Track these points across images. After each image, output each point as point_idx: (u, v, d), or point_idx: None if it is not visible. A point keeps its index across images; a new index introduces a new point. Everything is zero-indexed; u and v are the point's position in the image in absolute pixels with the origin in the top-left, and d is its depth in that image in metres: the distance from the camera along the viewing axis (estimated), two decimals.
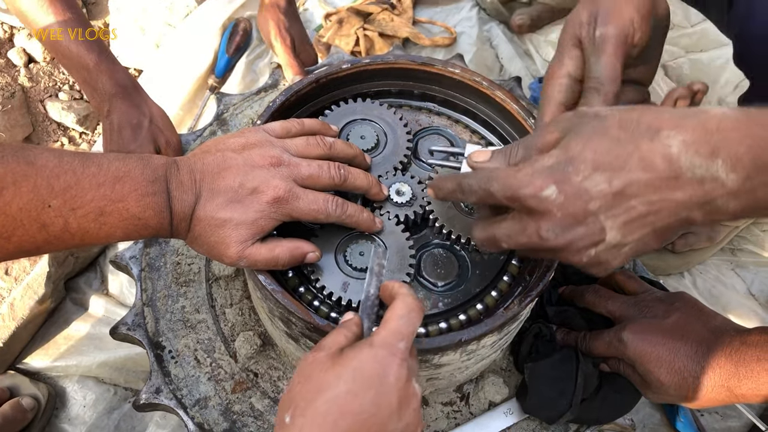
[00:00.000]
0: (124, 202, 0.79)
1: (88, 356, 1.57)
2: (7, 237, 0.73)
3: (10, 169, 0.72)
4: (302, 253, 0.90)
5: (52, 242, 0.77)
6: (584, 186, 0.71)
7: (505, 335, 1.00)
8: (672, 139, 0.69)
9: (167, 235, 0.86)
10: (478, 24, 2.07)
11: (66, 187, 0.75)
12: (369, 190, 0.97)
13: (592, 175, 0.71)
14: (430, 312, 0.97)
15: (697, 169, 0.68)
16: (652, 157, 0.69)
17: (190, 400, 1.06)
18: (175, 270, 1.19)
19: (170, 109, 1.88)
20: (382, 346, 0.72)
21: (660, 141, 0.69)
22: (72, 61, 1.35)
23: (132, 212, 0.80)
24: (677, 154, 0.68)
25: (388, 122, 1.09)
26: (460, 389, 1.11)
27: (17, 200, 0.72)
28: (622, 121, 0.72)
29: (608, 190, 0.71)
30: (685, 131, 0.69)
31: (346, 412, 0.68)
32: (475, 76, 1.10)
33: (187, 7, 2.02)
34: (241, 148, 0.88)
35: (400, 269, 0.95)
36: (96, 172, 0.78)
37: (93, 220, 0.78)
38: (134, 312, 1.14)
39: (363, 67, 1.11)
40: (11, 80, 1.88)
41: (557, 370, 1.05)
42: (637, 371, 1.00)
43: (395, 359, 0.72)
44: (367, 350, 0.72)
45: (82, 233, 0.78)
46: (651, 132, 0.70)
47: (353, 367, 0.71)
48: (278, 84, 1.42)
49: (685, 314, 1.01)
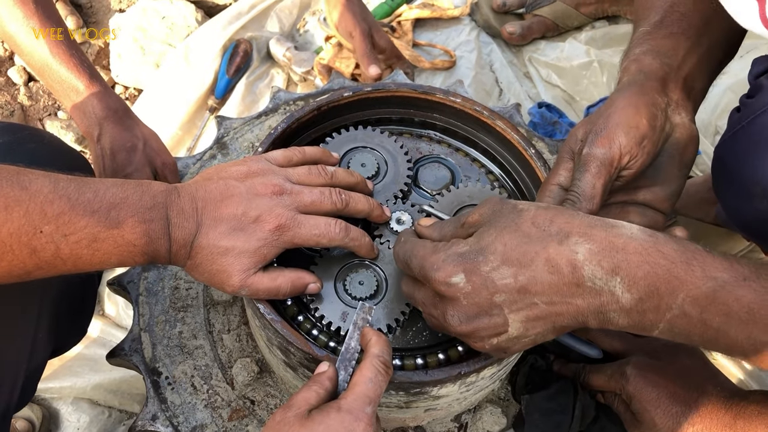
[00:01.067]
0: (119, 228, 0.79)
1: (82, 378, 1.56)
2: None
3: (3, 193, 0.72)
4: (304, 284, 0.90)
5: (42, 267, 0.77)
6: (491, 277, 0.75)
7: (504, 366, 0.99)
8: (579, 246, 0.72)
9: (165, 262, 0.86)
10: (477, 48, 2.08)
11: (59, 213, 0.75)
12: (371, 213, 0.97)
13: (499, 267, 0.75)
14: (429, 343, 0.97)
15: (597, 280, 0.71)
16: (558, 261, 0.72)
17: (186, 428, 1.05)
18: (173, 295, 1.18)
19: (169, 129, 1.88)
20: (348, 411, 0.74)
21: (568, 246, 0.72)
22: (62, 84, 1.32)
23: (127, 239, 0.80)
24: (582, 262, 0.71)
25: (388, 150, 1.09)
26: (458, 419, 1.10)
27: (8, 225, 0.72)
28: (535, 219, 0.75)
29: (513, 285, 0.74)
30: (592, 241, 0.72)
31: None
32: (475, 106, 1.10)
33: (187, 27, 2.03)
34: (243, 177, 0.88)
35: (399, 299, 0.95)
36: (91, 199, 0.78)
37: (86, 247, 0.77)
38: (131, 337, 1.13)
39: (365, 95, 1.11)
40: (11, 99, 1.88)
41: (554, 402, 1.05)
42: (632, 408, 1.00)
43: (361, 424, 0.73)
44: (334, 414, 0.73)
45: (74, 259, 0.78)
46: (561, 235, 0.73)
47: (319, 431, 0.72)
48: (279, 108, 1.43)
49: (689, 363, 1.02)
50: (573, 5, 2.08)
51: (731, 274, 0.69)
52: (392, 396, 0.92)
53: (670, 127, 0.93)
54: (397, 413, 0.99)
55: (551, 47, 2.10)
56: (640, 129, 0.89)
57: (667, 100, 0.93)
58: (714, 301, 0.69)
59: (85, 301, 1.11)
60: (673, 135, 0.93)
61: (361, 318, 0.85)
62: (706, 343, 0.73)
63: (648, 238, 0.72)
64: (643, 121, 0.89)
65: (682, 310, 0.70)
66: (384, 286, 0.97)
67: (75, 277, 1.04)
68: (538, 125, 1.81)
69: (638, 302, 0.71)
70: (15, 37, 1.29)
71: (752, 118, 0.90)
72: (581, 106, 1.97)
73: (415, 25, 2.12)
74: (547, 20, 2.09)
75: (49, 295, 0.97)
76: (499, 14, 2.12)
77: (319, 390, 0.77)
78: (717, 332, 0.70)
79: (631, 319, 0.72)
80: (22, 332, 0.93)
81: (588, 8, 2.11)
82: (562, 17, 2.10)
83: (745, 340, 0.70)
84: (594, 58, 2.00)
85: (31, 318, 0.94)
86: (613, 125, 0.89)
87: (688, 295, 0.69)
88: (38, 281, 0.79)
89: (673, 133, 0.93)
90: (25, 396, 0.98)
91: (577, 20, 2.11)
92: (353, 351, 0.83)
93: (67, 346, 1.16)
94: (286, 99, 1.44)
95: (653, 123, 0.90)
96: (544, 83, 2.05)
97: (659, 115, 0.91)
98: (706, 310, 0.69)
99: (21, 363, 0.93)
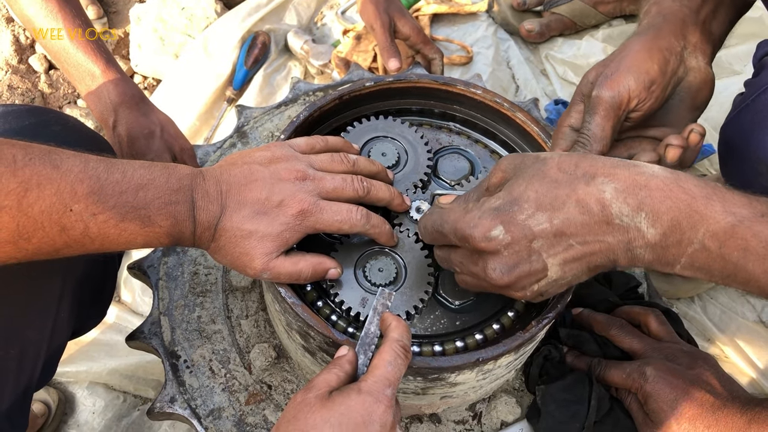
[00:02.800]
0: (146, 209, 0.80)
1: (98, 362, 1.58)
2: (27, 238, 0.73)
3: (36, 171, 0.73)
4: (325, 269, 0.91)
5: (71, 245, 0.78)
6: (528, 224, 0.76)
7: (521, 356, 1.00)
8: (606, 185, 0.74)
9: (189, 244, 0.87)
10: (494, 44, 2.09)
11: (89, 192, 0.76)
12: (392, 202, 0.98)
13: (535, 214, 0.76)
14: (447, 330, 0.98)
15: (624, 217, 0.73)
16: (588, 201, 0.74)
17: (204, 411, 1.07)
18: (192, 280, 1.19)
19: (187, 119, 1.90)
20: (369, 392, 0.75)
21: (596, 186, 0.74)
22: (78, 68, 1.33)
23: (153, 220, 0.81)
24: (609, 201, 0.74)
25: (409, 140, 1.10)
26: (473, 408, 1.11)
27: (40, 203, 0.73)
28: (560, 165, 0.77)
29: (549, 229, 0.76)
30: (617, 180, 0.74)
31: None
32: (496, 98, 1.11)
33: (207, 18, 2.04)
34: (267, 162, 0.89)
35: (418, 286, 0.96)
36: (120, 179, 0.79)
37: (114, 226, 0.79)
38: (151, 320, 1.14)
39: (386, 85, 1.12)
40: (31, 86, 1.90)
41: (570, 392, 1.05)
42: (647, 408, 1.01)
43: (381, 406, 0.74)
44: (354, 396, 0.74)
45: (102, 238, 0.79)
46: (587, 177, 0.75)
47: (340, 412, 0.73)
48: (298, 98, 1.44)
49: (707, 371, 1.03)
50: (591, 4, 2.08)
51: (750, 211, 0.71)
52: (410, 382, 0.93)
53: (684, 70, 0.95)
54: (414, 400, 1.00)
55: (568, 45, 2.10)
56: (650, 74, 0.92)
57: (684, 43, 0.95)
58: (733, 235, 0.71)
59: (105, 284, 1.13)
60: (686, 78, 0.96)
61: (381, 303, 0.86)
62: (725, 279, 0.74)
63: (669, 175, 0.74)
64: (654, 66, 0.91)
65: (702, 245, 0.72)
66: (403, 273, 0.98)
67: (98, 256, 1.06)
68: (554, 122, 1.82)
69: (662, 237, 0.73)
70: (33, 20, 1.30)
71: (756, 95, 0.93)
72: None
73: (432, 20, 2.13)
74: (565, 18, 2.10)
75: (72, 274, 0.99)
76: (517, 11, 2.12)
77: (339, 373, 0.78)
78: (735, 267, 0.72)
79: (655, 254, 0.74)
80: (45, 309, 0.94)
81: (606, 7, 2.11)
82: (580, 16, 2.10)
83: (763, 275, 0.71)
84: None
85: (53, 296, 0.96)
86: (623, 69, 0.92)
87: (708, 229, 0.71)
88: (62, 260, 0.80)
89: (686, 77, 0.96)
90: (46, 374, 1.00)
91: (595, 19, 2.11)
92: (373, 335, 0.83)
93: (87, 328, 1.17)
94: (306, 89, 1.45)
95: (664, 68, 0.92)
96: (561, 80, 2.05)
97: (672, 60, 0.93)
98: (725, 245, 0.71)
99: (43, 340, 0.95)
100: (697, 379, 1.01)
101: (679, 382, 1.00)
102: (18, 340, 0.91)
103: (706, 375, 1.02)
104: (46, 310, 0.95)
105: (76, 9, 1.32)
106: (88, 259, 1.03)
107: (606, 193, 0.73)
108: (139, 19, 2.05)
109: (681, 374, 1.01)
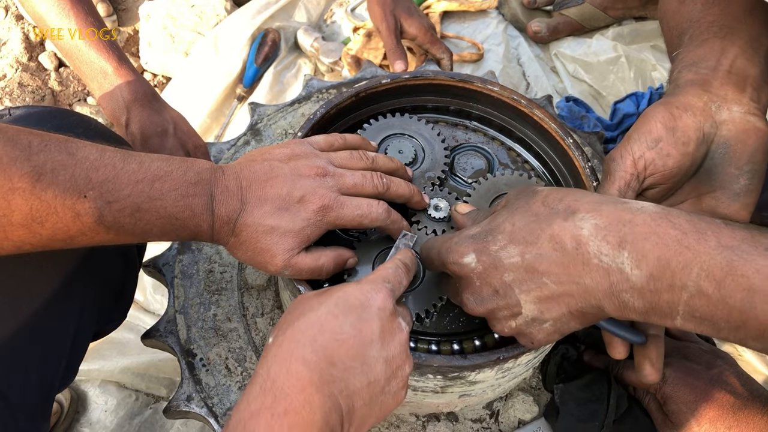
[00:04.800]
0: (162, 200, 0.79)
1: (110, 361, 1.58)
2: (41, 222, 0.73)
3: (51, 157, 0.73)
4: (344, 260, 0.92)
5: (86, 233, 0.77)
6: (499, 256, 0.74)
7: (540, 354, 0.99)
8: (585, 221, 0.69)
9: (207, 238, 0.86)
10: (504, 41, 2.08)
11: (104, 180, 0.76)
12: (411, 199, 0.97)
13: (507, 246, 0.74)
14: (465, 329, 0.97)
15: (603, 256, 0.67)
16: (563, 237, 0.70)
17: (220, 409, 1.06)
18: (207, 278, 1.19)
19: (197, 117, 1.90)
20: (367, 282, 0.76)
21: (573, 221, 0.70)
22: (90, 66, 1.32)
23: (169, 211, 0.80)
24: (586, 237, 0.68)
25: (425, 137, 1.09)
26: (490, 406, 1.11)
27: (53, 187, 0.72)
28: (546, 199, 0.75)
29: (520, 263, 0.73)
30: (599, 216, 0.69)
31: (326, 330, 0.69)
32: (513, 95, 1.11)
33: (217, 16, 2.04)
34: (287, 159, 0.88)
35: (433, 288, 0.95)
36: (136, 170, 0.78)
37: (128, 216, 0.78)
38: (166, 319, 1.14)
39: (402, 82, 1.12)
40: (41, 83, 1.90)
41: (589, 391, 1.05)
42: (666, 409, 1.00)
43: (380, 292, 0.74)
44: (353, 285, 0.75)
45: (117, 228, 0.78)
46: (567, 212, 0.71)
47: (337, 295, 0.73)
48: (311, 96, 1.43)
49: (726, 371, 1.01)
50: (600, 8, 2.07)
51: (750, 244, 0.61)
52: (429, 380, 0.92)
53: (713, 125, 0.88)
54: (432, 398, 1.00)
55: (578, 42, 2.09)
56: (653, 132, 0.87)
57: (709, 97, 0.88)
58: (731, 272, 0.61)
59: (127, 285, 1.12)
60: (718, 133, 0.88)
61: (403, 243, 0.88)
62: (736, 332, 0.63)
63: (659, 210, 0.67)
64: (657, 124, 0.87)
65: (698, 288, 0.62)
66: (421, 273, 0.97)
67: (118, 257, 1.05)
68: (566, 119, 1.81)
69: (649, 279, 0.65)
70: (45, 17, 1.29)
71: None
72: (608, 101, 1.96)
73: (442, 17, 2.13)
74: (574, 21, 2.09)
75: (96, 275, 0.98)
76: (527, 9, 2.12)
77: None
78: (742, 314, 0.61)
79: (645, 300, 0.66)
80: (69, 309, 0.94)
81: (615, 12, 2.10)
82: (589, 19, 2.09)
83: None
84: (621, 54, 1.99)
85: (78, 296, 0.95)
86: (628, 135, 0.89)
87: (702, 268, 0.62)
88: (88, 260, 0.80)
89: (718, 131, 0.88)
90: (68, 376, 0.99)
91: (603, 22, 2.10)
92: None
93: (108, 330, 1.16)
94: (319, 87, 1.45)
95: (671, 124, 0.87)
96: (571, 78, 2.04)
97: (685, 116, 0.87)
98: (724, 285, 0.61)
99: (66, 340, 0.94)
100: (716, 380, 1.00)
101: (698, 384, 0.99)
102: (42, 338, 0.90)
103: (725, 375, 1.01)
104: (70, 310, 0.95)
105: (89, 7, 1.31)
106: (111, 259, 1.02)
107: (584, 230, 0.69)
108: (148, 16, 2.04)
109: (700, 375, 1.00)
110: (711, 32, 0.93)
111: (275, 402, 0.64)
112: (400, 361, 0.74)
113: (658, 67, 1.96)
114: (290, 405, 0.64)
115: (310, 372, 0.66)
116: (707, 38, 0.93)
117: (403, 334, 0.75)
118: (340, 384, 0.68)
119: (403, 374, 0.74)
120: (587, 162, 1.03)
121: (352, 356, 0.69)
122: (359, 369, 0.69)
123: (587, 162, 1.03)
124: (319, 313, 0.71)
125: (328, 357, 0.68)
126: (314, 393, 0.65)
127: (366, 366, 0.70)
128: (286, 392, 0.65)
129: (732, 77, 0.90)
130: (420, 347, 0.95)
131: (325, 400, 0.66)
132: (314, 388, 0.65)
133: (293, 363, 0.66)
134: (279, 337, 0.70)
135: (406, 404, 1.05)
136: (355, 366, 0.69)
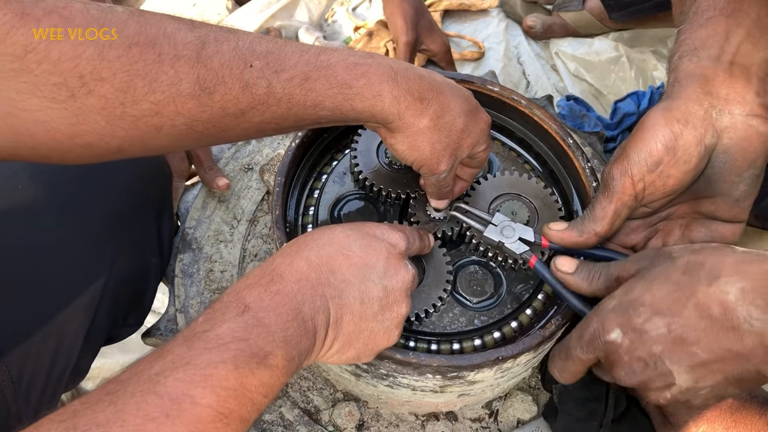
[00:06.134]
0: (332, 69, 0.77)
1: (111, 358, 1.58)
2: (209, 92, 0.71)
3: (212, 29, 0.72)
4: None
5: (256, 107, 0.75)
6: (645, 328, 0.72)
7: (539, 354, 1.00)
8: (730, 285, 0.66)
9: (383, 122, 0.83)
10: (505, 40, 2.08)
11: (268, 51, 0.74)
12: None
13: (652, 318, 0.71)
14: (465, 328, 0.98)
15: (754, 321, 0.65)
16: (709, 304, 0.67)
17: None
18: (207, 277, 1.20)
19: None
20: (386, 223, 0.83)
21: (718, 287, 0.67)
22: None
23: (340, 79, 0.77)
24: (734, 303, 0.66)
25: None
26: (489, 406, 1.11)
27: (218, 56, 0.71)
28: (688, 265, 0.71)
29: (668, 335, 0.71)
30: (745, 279, 0.66)
31: (335, 243, 0.75)
32: (513, 95, 1.11)
33: (218, 14, 2.04)
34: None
35: (437, 284, 0.96)
36: (299, 46, 0.78)
37: (298, 85, 0.75)
38: (167, 318, 1.15)
39: None
40: None
41: (587, 391, 1.05)
42: (664, 410, 1.00)
43: (395, 233, 0.80)
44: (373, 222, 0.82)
45: (287, 98, 0.76)
46: (710, 277, 0.68)
47: (355, 223, 0.80)
48: None
49: None
50: (598, 18, 2.05)
51: None
52: (428, 380, 0.93)
53: (714, 135, 0.84)
54: (431, 397, 1.00)
55: (579, 42, 2.08)
56: (653, 155, 0.83)
57: (711, 101, 0.84)
58: None
59: (147, 288, 1.11)
60: (720, 142, 0.84)
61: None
62: None
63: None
64: (657, 146, 0.83)
65: None
66: (422, 272, 0.98)
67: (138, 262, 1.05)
68: (567, 117, 1.81)
69: None
70: None
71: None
72: (608, 100, 1.96)
73: (443, 16, 2.13)
74: (569, 26, 2.07)
75: (115, 274, 0.98)
76: (527, 3, 2.11)
77: None
78: None
79: None
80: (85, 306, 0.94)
81: (613, 24, 2.07)
82: (585, 26, 2.07)
83: None
84: (622, 53, 1.99)
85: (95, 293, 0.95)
86: (628, 148, 0.86)
87: None
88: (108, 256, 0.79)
89: (720, 141, 0.84)
90: (76, 376, 0.98)
91: (600, 31, 2.07)
92: None
93: (122, 335, 1.13)
94: None
95: (672, 143, 0.83)
96: (572, 77, 2.04)
97: (686, 131, 0.83)
98: None
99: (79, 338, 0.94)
100: None
101: None
102: (55, 332, 0.90)
103: None
104: (86, 307, 0.95)
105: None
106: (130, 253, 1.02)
107: (730, 295, 0.66)
108: None
109: None
110: (717, 8, 0.88)
111: (271, 282, 0.68)
112: (398, 296, 0.77)
113: (659, 66, 1.96)
114: (284, 288, 0.68)
115: (309, 270, 0.71)
116: (712, 15, 0.88)
117: (408, 273, 0.78)
118: (334, 290, 0.72)
119: (398, 312, 0.77)
120: (587, 162, 1.04)
121: (353, 272, 0.74)
122: (356, 285, 0.73)
123: (587, 162, 1.04)
124: (334, 231, 0.77)
125: (330, 265, 0.73)
126: (308, 288, 0.70)
127: (363, 284, 0.74)
128: (283, 278, 0.69)
129: (736, 70, 0.85)
130: (419, 347, 0.96)
131: (316, 297, 0.70)
132: (309, 284, 0.70)
133: (297, 259, 0.72)
134: (291, 242, 0.76)
135: (406, 403, 1.05)
136: (353, 281, 0.73)
